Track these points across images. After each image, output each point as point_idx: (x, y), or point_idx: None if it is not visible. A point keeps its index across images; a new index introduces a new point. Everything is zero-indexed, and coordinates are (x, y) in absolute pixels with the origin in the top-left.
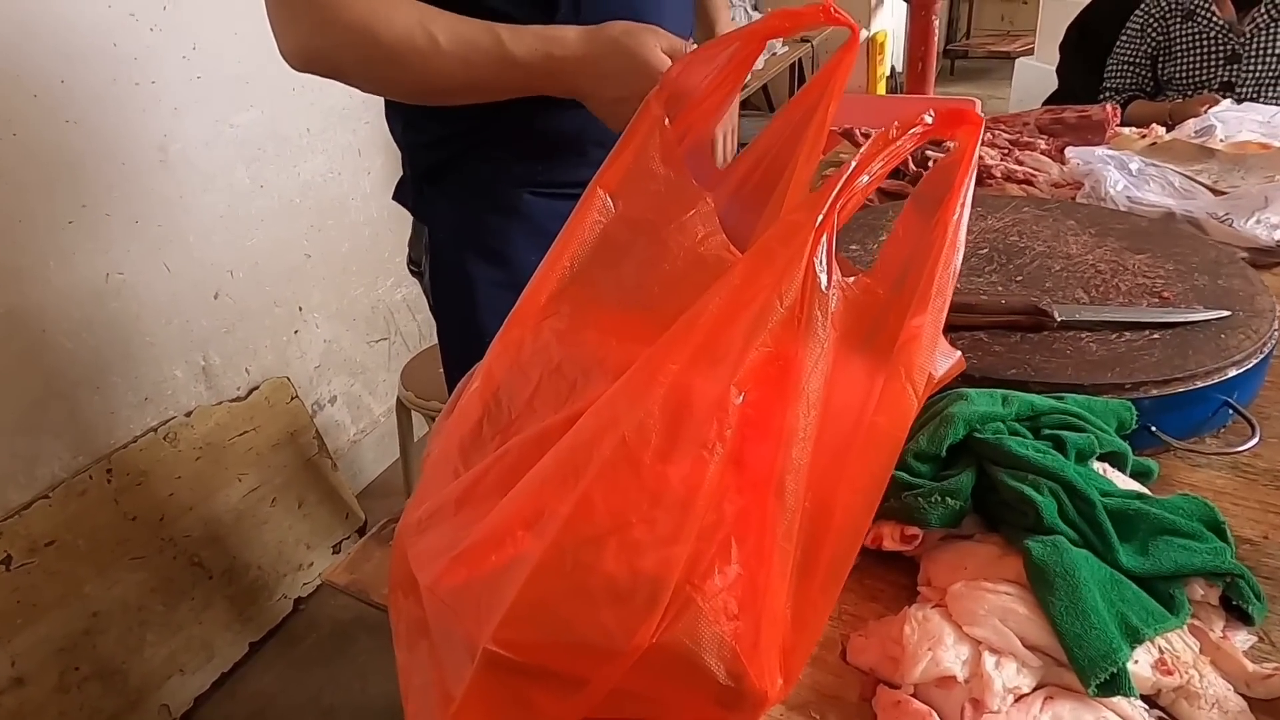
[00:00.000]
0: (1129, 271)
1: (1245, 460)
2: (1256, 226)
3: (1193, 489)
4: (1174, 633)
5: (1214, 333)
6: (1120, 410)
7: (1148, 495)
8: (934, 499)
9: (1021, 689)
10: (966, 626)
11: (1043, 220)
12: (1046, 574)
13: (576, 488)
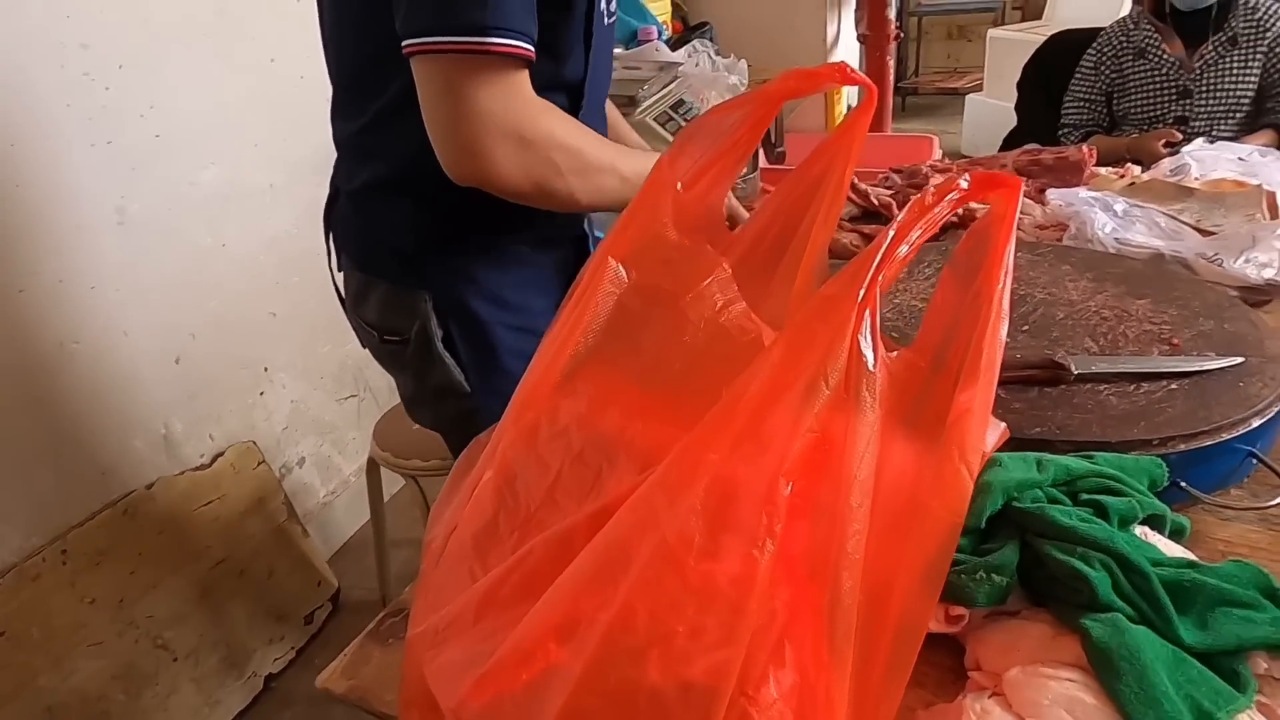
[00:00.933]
0: (1134, 318)
1: (1275, 513)
2: (1246, 266)
3: (1226, 544)
4: (1244, 713)
5: (1231, 381)
6: (1151, 467)
7: (1199, 563)
8: (979, 575)
9: None
10: (1030, 718)
11: (1038, 265)
12: (1110, 658)
13: (615, 594)
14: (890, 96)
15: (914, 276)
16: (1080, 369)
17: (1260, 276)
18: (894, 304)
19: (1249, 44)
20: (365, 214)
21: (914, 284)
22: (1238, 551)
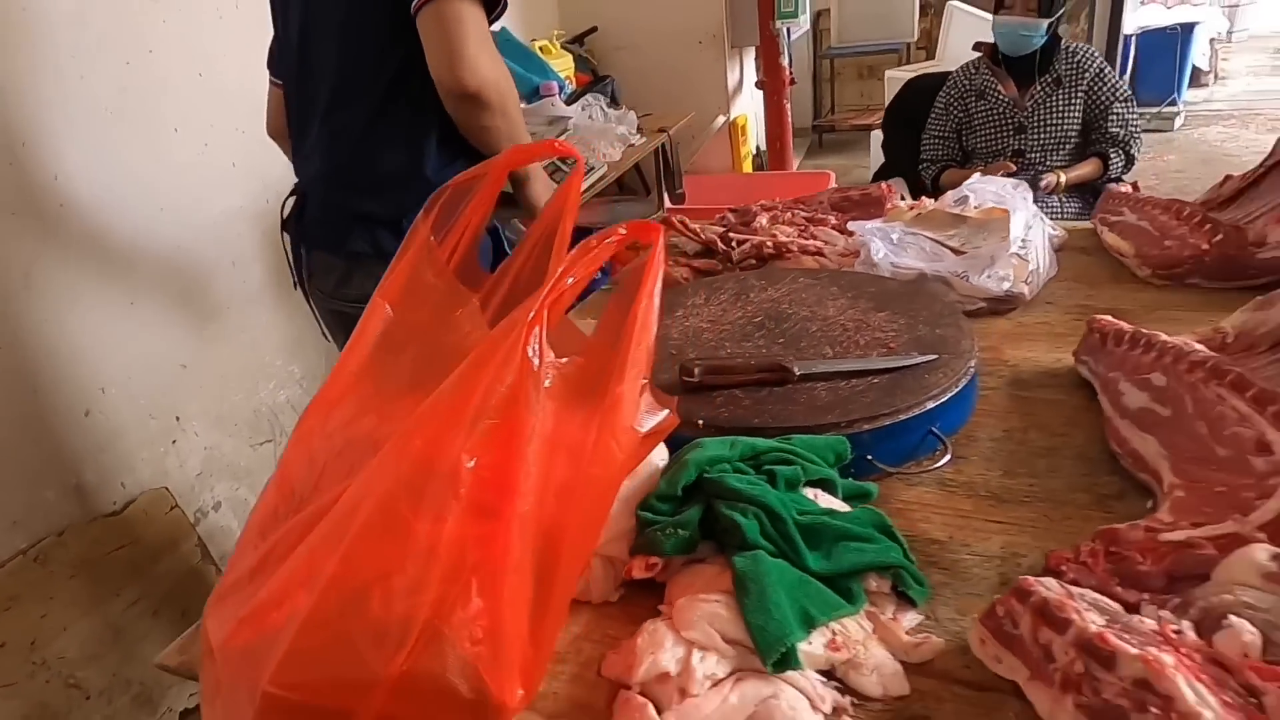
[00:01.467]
0: (870, 328)
1: (948, 476)
2: (988, 280)
3: (905, 504)
4: (850, 618)
5: (921, 374)
6: (836, 445)
7: (836, 511)
8: (668, 531)
9: (718, 675)
10: (683, 631)
11: (812, 289)
12: (744, 581)
13: (340, 547)
14: (789, 137)
15: (709, 303)
16: (802, 370)
17: (1000, 289)
18: (683, 327)
19: (1071, 84)
20: (360, 199)
21: (707, 309)
22: (915, 508)
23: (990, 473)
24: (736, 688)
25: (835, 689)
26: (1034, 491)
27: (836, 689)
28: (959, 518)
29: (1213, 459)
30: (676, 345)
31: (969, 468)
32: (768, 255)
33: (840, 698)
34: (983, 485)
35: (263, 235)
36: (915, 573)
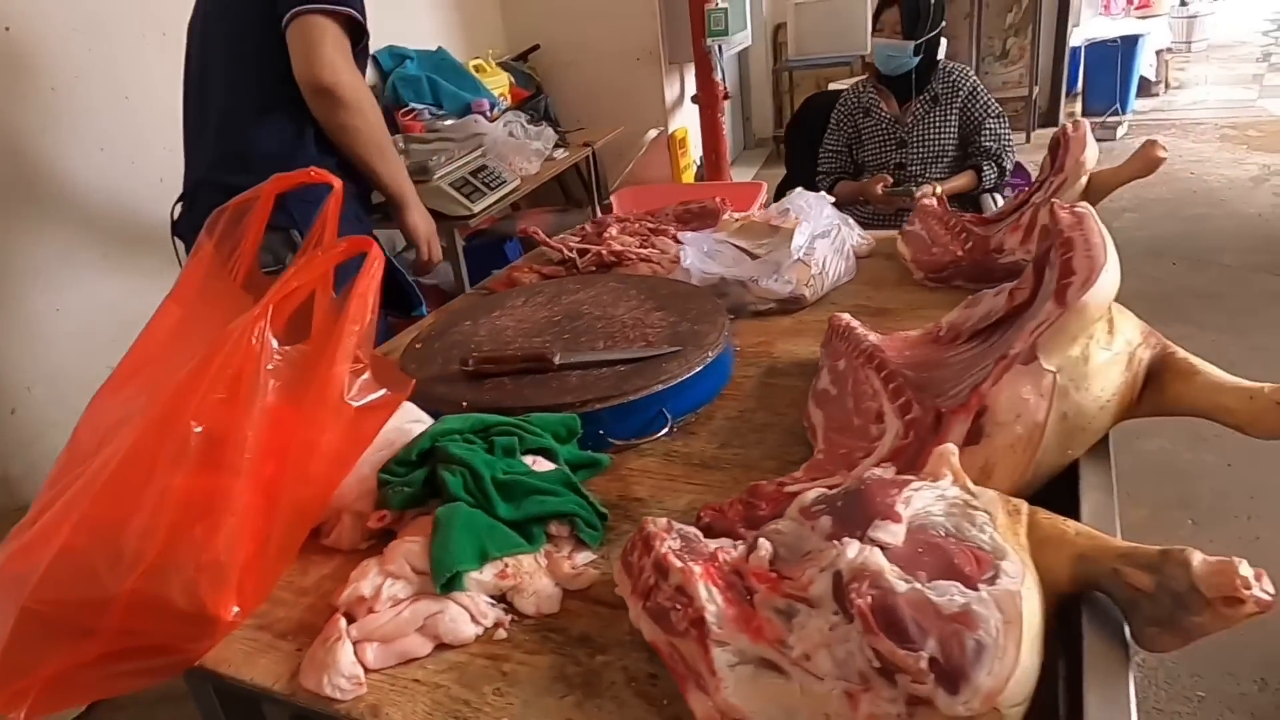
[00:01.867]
0: (644, 325)
1: (675, 449)
2: (775, 283)
3: (630, 471)
4: (526, 555)
5: (660, 363)
6: (568, 421)
7: (533, 471)
8: (396, 489)
9: (399, 597)
10: (384, 565)
11: (615, 292)
12: (437, 524)
13: (93, 493)
14: (724, 149)
15: (525, 305)
16: (562, 360)
17: (785, 291)
18: (493, 326)
19: (947, 102)
20: (244, 179)
21: (521, 310)
22: (636, 474)
23: (709, 445)
24: (411, 605)
25: (502, 609)
26: (735, 460)
27: (503, 609)
28: (667, 481)
29: (849, 427)
30: (479, 340)
31: (695, 442)
32: (610, 263)
33: (502, 615)
34: (697, 455)
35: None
36: (590, 519)
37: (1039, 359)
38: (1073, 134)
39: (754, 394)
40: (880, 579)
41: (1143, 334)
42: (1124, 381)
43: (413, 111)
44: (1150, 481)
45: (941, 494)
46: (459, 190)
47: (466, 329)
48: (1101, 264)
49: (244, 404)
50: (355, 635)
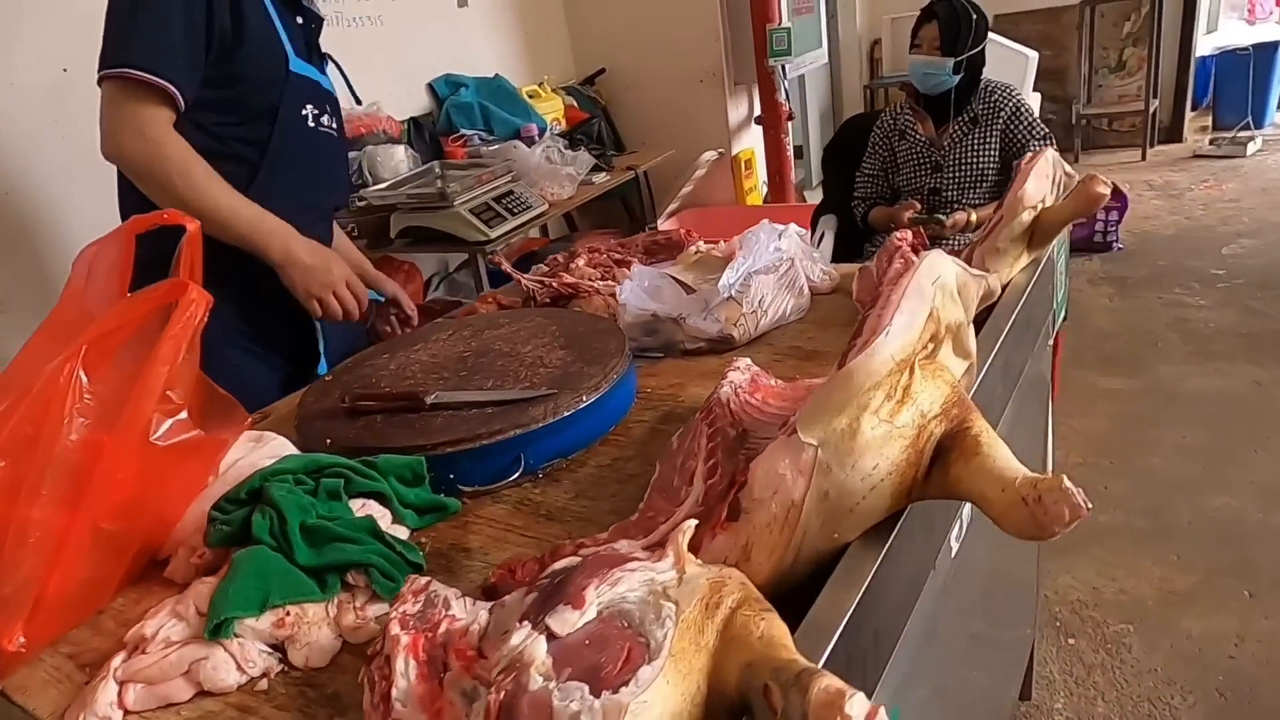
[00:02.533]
0: (541, 364)
1: (533, 496)
2: (704, 322)
3: (477, 518)
4: (315, 603)
5: (526, 406)
6: (414, 464)
7: (341, 518)
8: (216, 526)
9: (172, 639)
10: (175, 605)
11: (537, 329)
12: (231, 567)
13: None
14: (790, 169)
15: (450, 338)
16: (437, 399)
17: (713, 330)
18: (406, 359)
19: (988, 123)
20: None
21: (441, 344)
22: (480, 522)
23: (563, 495)
24: (180, 650)
25: (277, 658)
26: (582, 512)
27: (278, 658)
28: (504, 531)
29: (669, 487)
30: (385, 375)
31: (553, 491)
32: (567, 295)
33: (273, 665)
34: (547, 505)
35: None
36: (389, 570)
37: (798, 431)
38: (1024, 165)
39: (639, 441)
40: (523, 673)
41: (944, 405)
42: (905, 459)
43: (462, 138)
44: (1208, 544)
45: (652, 577)
46: (478, 216)
47: (380, 363)
48: (884, 327)
49: (46, 441)
50: (121, 675)
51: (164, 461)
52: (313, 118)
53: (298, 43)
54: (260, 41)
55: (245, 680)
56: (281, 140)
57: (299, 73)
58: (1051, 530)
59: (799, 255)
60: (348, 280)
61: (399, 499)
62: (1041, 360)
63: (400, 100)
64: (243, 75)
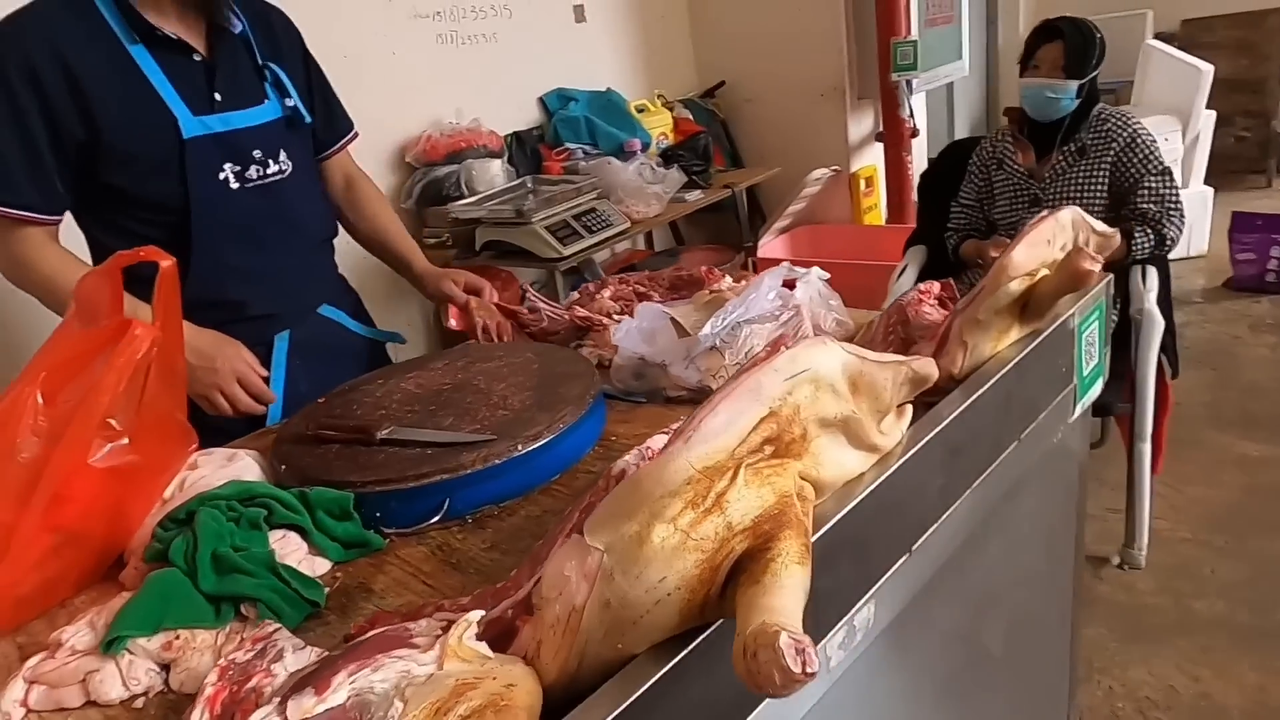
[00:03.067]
0: (505, 406)
1: (454, 542)
2: (684, 370)
3: (397, 559)
4: (205, 630)
5: (463, 451)
6: (342, 500)
7: (250, 549)
8: (153, 542)
9: (78, 647)
10: (93, 615)
11: (517, 366)
12: (144, 584)
13: None
14: (910, 188)
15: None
16: (384, 435)
17: (692, 380)
18: (393, 387)
19: (1097, 154)
20: None
21: (433, 374)
22: (394, 564)
23: (481, 545)
24: (81, 659)
25: (162, 678)
26: (489, 565)
27: (163, 679)
28: (410, 576)
29: (537, 558)
30: (370, 402)
31: (474, 538)
32: (579, 328)
33: (156, 684)
34: (461, 554)
35: None
36: (279, 606)
37: (585, 533)
38: (1027, 226)
39: (580, 492)
40: None
41: (757, 519)
42: (698, 574)
43: (565, 151)
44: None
45: (409, 669)
46: (554, 233)
47: (370, 388)
48: (689, 430)
49: (3, 454)
50: (29, 675)
51: (106, 481)
52: (235, 177)
53: (193, 92)
54: (128, 126)
55: (127, 695)
56: (202, 219)
57: (199, 135)
58: (764, 690)
59: (811, 303)
60: (239, 375)
61: (328, 532)
62: (1071, 438)
63: (509, 115)
64: (121, 165)
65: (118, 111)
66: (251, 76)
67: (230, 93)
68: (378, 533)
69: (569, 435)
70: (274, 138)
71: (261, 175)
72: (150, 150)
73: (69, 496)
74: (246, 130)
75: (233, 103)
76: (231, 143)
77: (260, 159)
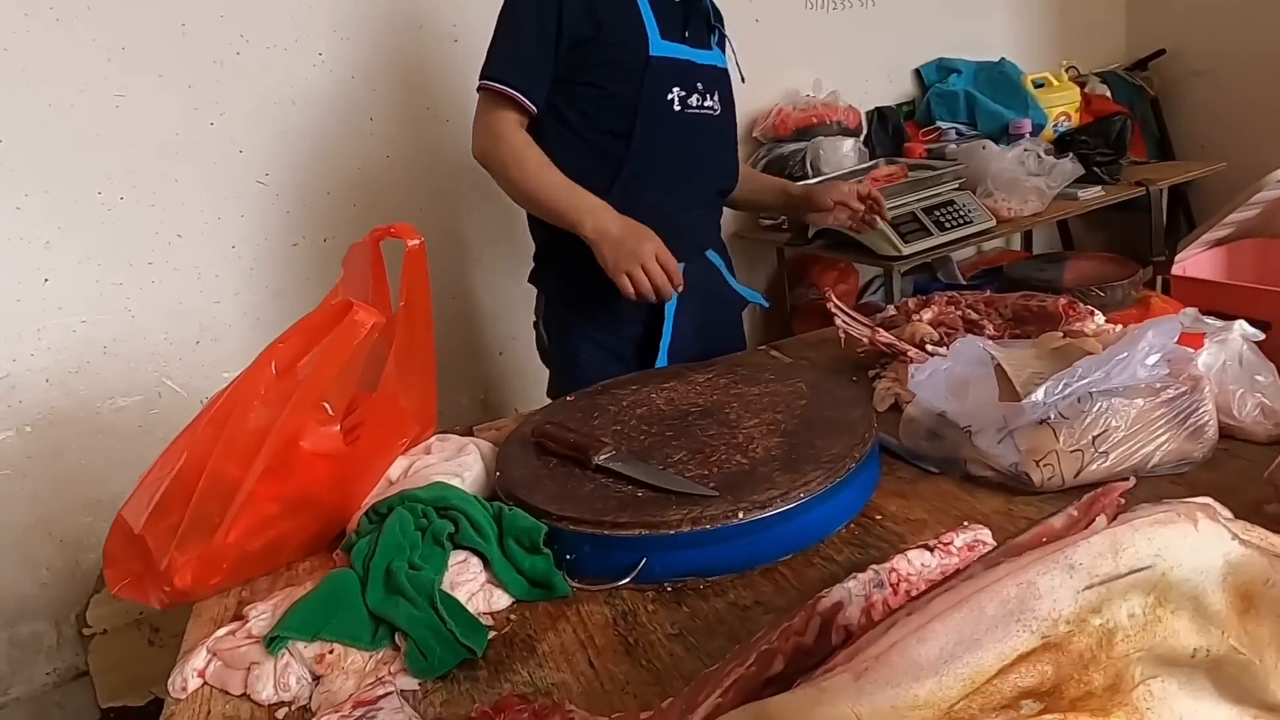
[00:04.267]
0: (742, 450)
1: (636, 614)
2: (994, 445)
3: (578, 615)
4: (359, 650)
5: (671, 503)
6: (534, 531)
7: (425, 570)
8: (349, 537)
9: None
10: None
11: (788, 398)
12: (320, 583)
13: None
14: None
15: (706, 382)
16: (600, 460)
17: (1004, 462)
18: (651, 395)
19: None
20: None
21: (695, 389)
22: (579, 625)
23: (666, 629)
24: (250, 647)
25: (310, 689)
26: (664, 662)
27: (311, 689)
28: (578, 649)
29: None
30: (617, 409)
31: (662, 615)
32: (886, 351)
33: (302, 696)
34: (641, 634)
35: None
36: (430, 648)
37: None
38: None
39: (810, 586)
40: None
41: None
42: None
43: (935, 132)
44: None
45: None
46: (896, 228)
47: (623, 393)
48: (870, 655)
49: (237, 418)
50: (211, 645)
51: (318, 462)
52: (679, 100)
53: (668, 22)
54: (616, 30)
55: (275, 700)
56: (645, 129)
57: (662, 55)
58: None
59: (1223, 378)
60: (657, 254)
61: (515, 563)
62: None
63: (876, 88)
64: (601, 65)
65: (613, 17)
66: (704, 29)
67: (694, 33)
68: (566, 577)
69: (810, 508)
70: (714, 80)
71: (698, 106)
72: (625, 57)
73: (284, 473)
74: (696, 65)
75: (694, 40)
76: (681, 70)
77: (702, 90)
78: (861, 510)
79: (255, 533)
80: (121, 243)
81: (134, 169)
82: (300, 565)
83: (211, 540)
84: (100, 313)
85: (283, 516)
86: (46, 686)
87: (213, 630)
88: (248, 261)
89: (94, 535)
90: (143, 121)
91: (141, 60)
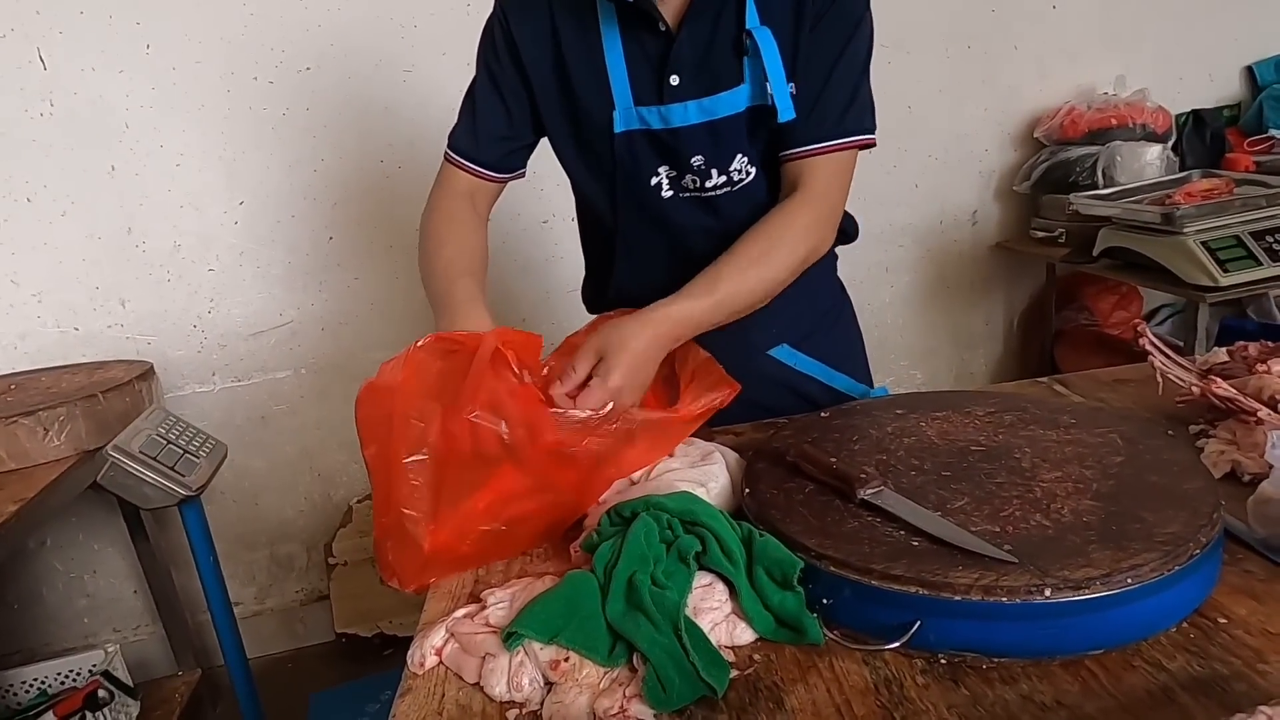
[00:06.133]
0: (1041, 508)
1: (903, 683)
2: None
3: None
4: (594, 664)
5: (957, 561)
6: (789, 564)
7: (669, 590)
8: (593, 534)
9: (491, 621)
10: (519, 590)
11: (1096, 450)
12: (560, 582)
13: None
14: None
15: (988, 417)
16: (866, 495)
17: None
18: (920, 423)
19: None
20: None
21: (975, 424)
22: (827, 683)
23: (940, 707)
24: (487, 637)
25: (543, 693)
26: None
27: (543, 694)
28: (833, 713)
29: None
30: (868, 435)
31: (934, 692)
32: (1220, 406)
33: (536, 699)
34: (907, 711)
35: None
36: (670, 679)
37: None
38: None
39: (1124, 694)
40: None
41: None
42: None
43: (1268, 142)
44: None
45: None
46: (1213, 252)
47: (885, 417)
48: None
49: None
50: (451, 626)
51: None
52: (669, 183)
53: (650, 76)
54: (584, 87)
55: (508, 698)
56: (628, 218)
57: (634, 129)
58: None
59: None
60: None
61: (763, 596)
62: None
63: (1194, 88)
64: (569, 147)
65: (581, 73)
66: (727, 52)
67: (691, 75)
68: (820, 622)
69: (1138, 598)
70: (733, 137)
71: (699, 187)
72: (589, 130)
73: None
74: (698, 129)
75: (689, 89)
76: (662, 149)
77: (705, 164)
78: (1197, 608)
79: (465, 541)
80: (398, 205)
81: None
82: (534, 551)
83: (458, 510)
84: (371, 272)
85: (495, 533)
86: (294, 603)
87: (451, 607)
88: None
89: (345, 473)
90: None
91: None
